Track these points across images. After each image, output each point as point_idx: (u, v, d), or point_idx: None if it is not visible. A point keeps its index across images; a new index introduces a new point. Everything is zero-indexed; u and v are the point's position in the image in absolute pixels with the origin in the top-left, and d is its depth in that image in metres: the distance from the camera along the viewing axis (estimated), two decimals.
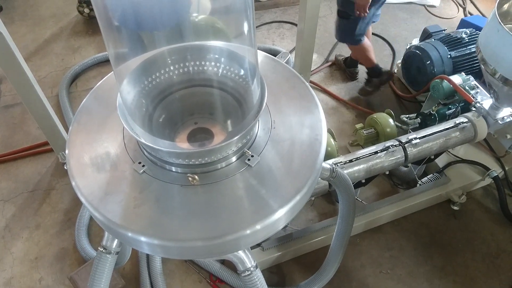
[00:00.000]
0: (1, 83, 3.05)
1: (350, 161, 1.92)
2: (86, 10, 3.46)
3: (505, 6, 2.00)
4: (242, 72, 1.31)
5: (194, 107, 1.40)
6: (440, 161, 2.42)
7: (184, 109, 1.39)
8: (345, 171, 1.88)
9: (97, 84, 1.45)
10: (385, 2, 2.56)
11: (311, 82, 3.00)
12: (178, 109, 1.38)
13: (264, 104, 1.18)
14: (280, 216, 1.11)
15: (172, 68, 1.34)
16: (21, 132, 2.75)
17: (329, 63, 3.21)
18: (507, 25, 1.81)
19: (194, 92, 1.37)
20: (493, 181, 2.37)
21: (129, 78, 1.26)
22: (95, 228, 2.26)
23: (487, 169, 2.35)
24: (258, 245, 2.08)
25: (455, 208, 2.37)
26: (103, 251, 1.38)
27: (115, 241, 1.39)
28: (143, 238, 1.09)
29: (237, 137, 1.11)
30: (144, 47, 1.36)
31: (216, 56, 1.34)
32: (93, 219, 2.24)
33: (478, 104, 2.13)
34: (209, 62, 1.35)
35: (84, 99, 1.40)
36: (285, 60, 2.45)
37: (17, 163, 2.58)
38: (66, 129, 2.52)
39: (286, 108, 1.34)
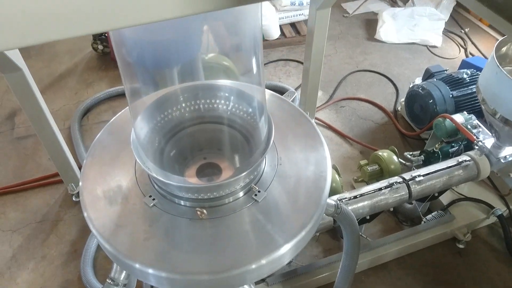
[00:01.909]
0: (16, 115, 3.14)
1: (355, 197, 1.95)
2: (100, 47, 3.60)
3: (503, 49, 2.08)
4: (250, 110, 1.37)
5: (204, 143, 1.46)
6: (444, 199, 2.44)
7: (194, 145, 1.45)
8: (350, 207, 1.90)
9: (111, 120, 1.52)
10: (389, 42, 2.66)
11: (316, 118, 3.07)
12: (188, 144, 1.43)
13: (271, 141, 1.23)
14: (285, 251, 1.13)
15: (184, 105, 1.41)
16: (32, 163, 2.81)
17: (334, 101, 3.29)
18: (505, 68, 1.88)
19: (204, 128, 1.43)
20: (498, 220, 2.37)
21: (143, 114, 1.32)
22: (101, 261, 2.27)
23: (492, 207, 2.36)
24: (263, 280, 2.08)
25: (461, 246, 2.36)
26: (111, 283, 1.40)
27: (123, 273, 1.41)
28: (150, 271, 1.11)
29: (245, 173, 1.15)
30: (157, 84, 1.44)
31: (226, 94, 1.41)
32: (99, 252, 2.27)
33: (480, 143, 2.17)
34: (219, 100, 1.42)
35: (99, 134, 1.46)
36: (291, 99, 2.53)
37: (26, 194, 2.62)
38: (77, 161, 2.58)
39: (292, 145, 1.39)
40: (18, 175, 2.73)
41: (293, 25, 3.95)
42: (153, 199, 1.24)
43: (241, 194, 1.24)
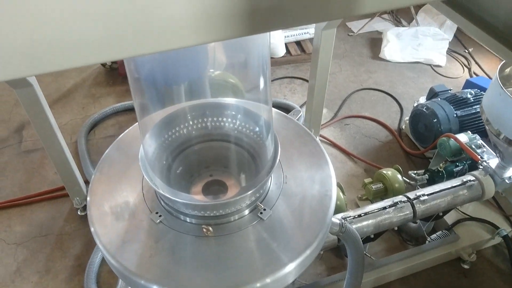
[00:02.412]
0: (24, 129, 3.18)
1: (359, 215, 1.95)
2: (108, 62, 3.66)
3: (507, 70, 2.10)
4: (257, 129, 1.39)
5: (210, 160, 1.48)
6: (449, 218, 2.43)
7: (200, 162, 1.47)
8: (354, 226, 1.90)
9: (119, 136, 1.54)
10: (393, 61, 2.69)
11: (321, 136, 3.09)
12: (195, 161, 1.45)
13: (277, 160, 1.25)
14: (290, 270, 1.14)
15: (191, 123, 1.43)
16: (39, 176, 2.83)
17: (339, 118, 3.31)
18: (509, 89, 1.89)
19: (211, 146, 1.46)
20: (503, 240, 2.36)
21: (151, 131, 1.35)
22: (105, 276, 2.27)
23: (497, 227, 2.35)
24: None
25: (465, 266, 2.34)
26: None
27: None
28: (155, 287, 1.12)
29: (251, 191, 1.17)
30: (166, 100, 1.46)
31: (233, 113, 1.43)
32: (103, 266, 2.28)
33: (484, 163, 2.18)
34: (226, 118, 1.44)
35: (107, 150, 1.49)
36: (297, 118, 2.55)
37: (32, 207, 2.64)
38: (82, 175, 2.61)
39: (297, 164, 1.40)
40: (25, 188, 2.75)
41: (298, 43, 4.00)
42: (160, 216, 1.25)
43: (246, 212, 1.26)
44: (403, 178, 2.44)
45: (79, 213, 2.54)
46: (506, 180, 2.13)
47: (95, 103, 3.44)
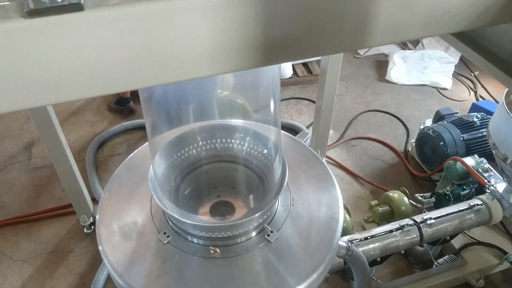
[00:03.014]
0: (33, 145, 3.23)
1: (366, 238, 1.94)
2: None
3: None
4: (265, 151, 1.41)
5: (218, 181, 1.49)
6: (456, 242, 2.41)
7: (208, 183, 1.48)
8: (360, 249, 1.89)
9: (129, 156, 1.56)
10: (400, 84, 2.71)
11: (327, 157, 3.10)
12: (203, 182, 1.47)
13: (285, 182, 1.26)
14: None
15: (201, 144, 1.45)
16: (46, 193, 2.85)
17: (345, 140, 3.33)
18: None
19: (219, 167, 1.47)
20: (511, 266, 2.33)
21: (161, 152, 1.37)
22: None
23: (505, 252, 2.32)
24: None
25: None
26: None
27: None
28: None
29: (259, 213, 1.18)
30: (175, 121, 1.49)
31: (242, 135, 1.45)
32: (108, 285, 2.27)
33: (491, 187, 2.17)
34: (235, 140, 1.46)
35: (117, 169, 1.50)
36: (304, 140, 2.57)
37: (39, 224, 2.65)
38: (90, 193, 2.62)
39: (305, 186, 1.41)
40: (32, 205, 2.77)
41: (305, 64, 4.05)
42: (167, 236, 1.26)
43: (253, 234, 1.26)
44: (410, 200, 2.44)
45: (85, 230, 2.55)
46: None
47: (104, 121, 3.48)
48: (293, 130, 3.30)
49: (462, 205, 2.15)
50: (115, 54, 0.47)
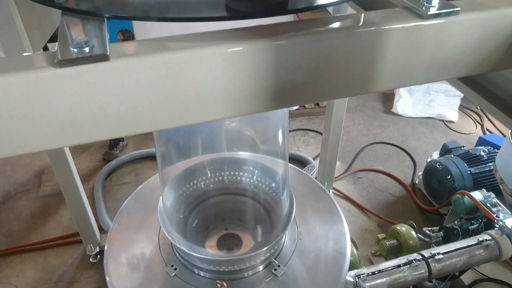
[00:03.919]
0: (43, 173, 3.27)
1: (373, 273, 1.92)
2: None
3: None
4: (273, 184, 1.43)
5: (226, 213, 1.50)
6: (466, 278, 2.36)
7: (216, 215, 1.49)
8: (368, 284, 1.87)
9: (138, 188, 1.59)
10: (406, 116, 2.74)
11: (334, 189, 3.10)
12: (211, 214, 1.48)
13: (292, 217, 1.27)
14: None
15: (209, 176, 1.48)
16: (54, 221, 2.87)
17: (352, 172, 3.33)
18: None
19: (227, 199, 1.49)
20: None
21: (170, 184, 1.39)
22: None
23: None
24: None
25: None
26: None
27: None
28: None
29: (266, 247, 1.19)
30: (184, 153, 1.52)
31: (251, 168, 1.48)
32: None
33: (500, 222, 2.15)
34: (243, 173, 1.48)
35: (126, 201, 1.53)
36: (311, 173, 2.58)
37: (45, 252, 2.66)
38: (97, 222, 2.63)
39: (312, 220, 1.42)
40: (39, 233, 2.78)
41: None
42: (175, 269, 1.26)
43: (261, 268, 1.26)
44: (418, 234, 2.41)
45: (91, 260, 2.55)
46: None
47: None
48: (300, 161, 3.32)
49: (471, 240, 2.13)
50: (137, 99, 0.51)
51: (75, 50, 0.47)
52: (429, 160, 3.01)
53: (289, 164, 1.67)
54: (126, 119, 0.52)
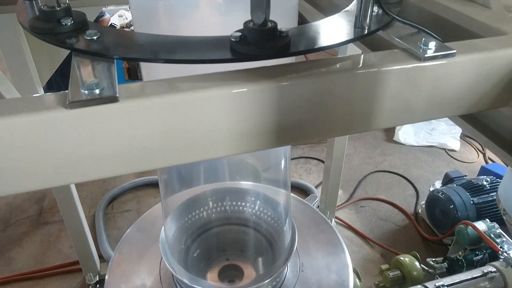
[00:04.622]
0: (44, 200, 3.27)
1: None
2: None
3: None
4: (275, 214, 1.43)
5: (227, 244, 1.50)
6: None
7: (218, 245, 1.49)
8: None
9: (140, 217, 1.59)
10: (408, 144, 2.75)
11: (336, 217, 3.08)
12: (212, 245, 1.48)
13: (294, 248, 1.26)
14: None
15: (211, 206, 1.48)
16: (54, 249, 2.85)
17: (354, 200, 3.32)
18: None
19: (229, 230, 1.49)
20: None
21: (172, 215, 1.40)
22: None
23: None
24: None
25: None
26: None
27: None
28: None
29: (267, 280, 1.18)
30: (188, 181, 1.53)
31: (253, 198, 1.48)
32: None
33: (505, 254, 2.13)
34: (245, 203, 1.49)
35: (128, 230, 1.53)
36: (313, 203, 2.58)
37: (44, 281, 2.63)
38: (98, 250, 2.62)
39: (314, 251, 1.41)
40: (39, 261, 2.76)
41: None
42: None
43: None
44: (421, 265, 2.39)
45: None
46: None
47: (116, 178, 3.54)
48: (302, 190, 3.31)
49: (476, 272, 2.10)
50: (145, 138, 0.52)
51: (86, 92, 0.49)
52: (431, 189, 3.01)
53: (292, 194, 1.68)
54: (134, 156, 0.53)
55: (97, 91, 0.49)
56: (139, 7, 0.87)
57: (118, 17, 4.52)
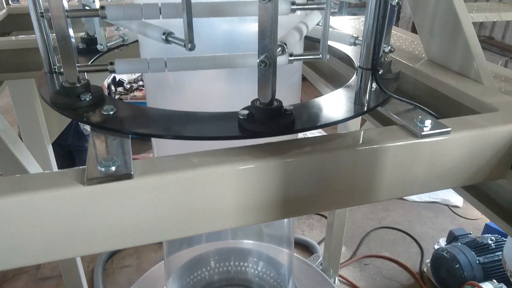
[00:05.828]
0: None
1: None
2: None
3: None
4: (278, 276, 1.41)
5: None
6: None
7: None
8: None
9: (141, 277, 1.58)
10: (411, 200, 2.75)
11: (340, 276, 3.01)
12: None
13: None
14: None
15: (213, 266, 1.47)
16: None
17: (357, 258, 3.26)
18: None
19: None
20: None
21: (175, 275, 1.38)
22: None
23: None
24: None
25: None
26: None
27: None
28: None
29: None
30: (190, 240, 1.52)
31: (255, 259, 1.47)
32: None
33: None
34: (247, 264, 1.48)
35: None
36: (316, 263, 2.54)
37: None
38: None
39: None
40: None
41: None
42: None
43: None
44: None
45: None
46: None
47: None
48: (304, 246, 3.27)
49: None
50: (157, 211, 0.55)
51: (103, 169, 0.52)
52: (436, 247, 2.97)
53: (295, 255, 1.66)
54: (146, 229, 0.55)
55: (113, 168, 0.52)
56: (151, 77, 0.93)
57: None
